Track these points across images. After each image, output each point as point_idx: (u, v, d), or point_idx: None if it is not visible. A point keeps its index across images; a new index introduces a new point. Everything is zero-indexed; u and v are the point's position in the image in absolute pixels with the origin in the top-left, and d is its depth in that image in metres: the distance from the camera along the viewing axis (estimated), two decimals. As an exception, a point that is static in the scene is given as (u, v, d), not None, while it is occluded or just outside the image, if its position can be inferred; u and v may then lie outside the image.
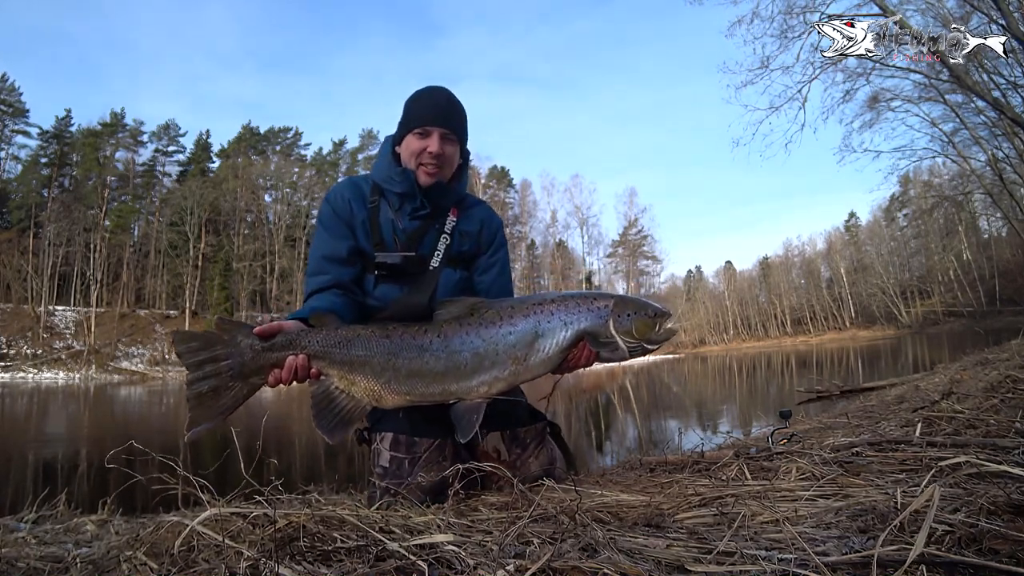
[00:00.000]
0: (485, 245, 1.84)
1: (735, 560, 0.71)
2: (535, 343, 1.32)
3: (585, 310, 1.36)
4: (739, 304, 71.45)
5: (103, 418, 13.17)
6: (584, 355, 1.38)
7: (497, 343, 1.32)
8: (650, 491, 1.46)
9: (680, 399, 11.52)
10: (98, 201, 50.44)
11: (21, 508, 1.82)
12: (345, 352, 1.32)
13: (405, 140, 1.71)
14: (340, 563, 0.77)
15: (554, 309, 1.35)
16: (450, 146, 1.71)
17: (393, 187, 1.72)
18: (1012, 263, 48.33)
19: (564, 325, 1.34)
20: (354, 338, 1.33)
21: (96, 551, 0.99)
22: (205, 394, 1.28)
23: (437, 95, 1.73)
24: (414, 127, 1.69)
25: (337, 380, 1.32)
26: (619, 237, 64.81)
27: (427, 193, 1.71)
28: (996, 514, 0.81)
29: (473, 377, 1.32)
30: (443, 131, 1.68)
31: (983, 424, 1.61)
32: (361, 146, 59.70)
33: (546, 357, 1.34)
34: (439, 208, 1.75)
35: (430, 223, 1.74)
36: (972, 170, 19.59)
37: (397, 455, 1.63)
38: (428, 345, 1.32)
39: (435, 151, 1.66)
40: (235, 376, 1.29)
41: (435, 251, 1.72)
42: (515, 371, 1.33)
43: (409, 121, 1.71)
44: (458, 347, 1.31)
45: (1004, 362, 3.36)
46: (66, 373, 39.97)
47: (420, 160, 1.68)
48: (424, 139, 1.67)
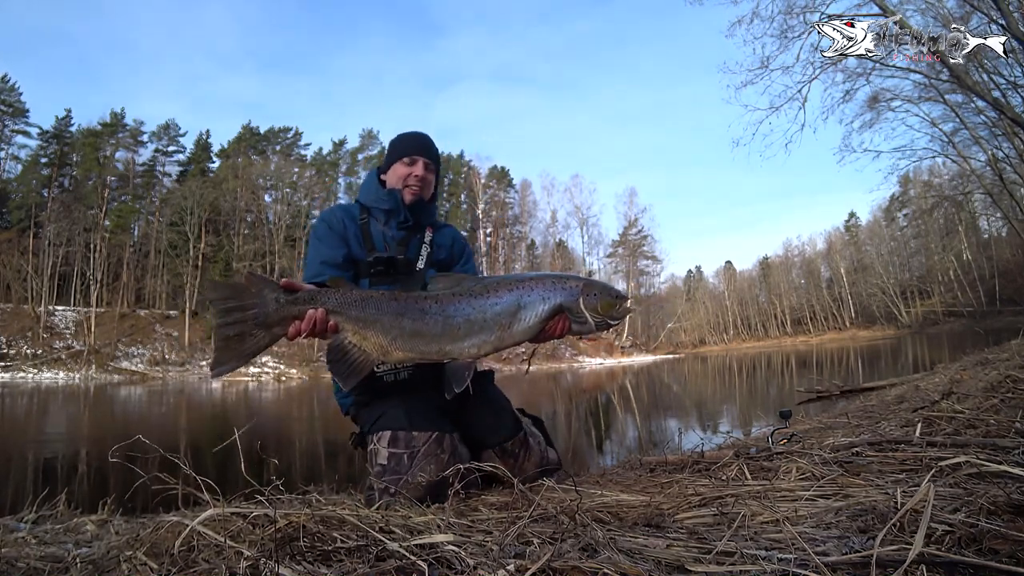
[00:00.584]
0: (457, 256, 2.14)
1: (735, 560, 0.71)
2: (518, 313, 1.53)
3: (560, 288, 1.56)
4: (739, 304, 71.44)
5: (103, 418, 13.17)
6: (560, 326, 1.57)
7: (485, 312, 1.51)
8: (650, 491, 1.46)
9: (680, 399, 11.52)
10: (98, 201, 50.42)
11: (21, 508, 1.82)
12: (360, 310, 1.48)
13: (393, 167, 2.05)
14: (340, 563, 0.77)
15: (534, 286, 1.56)
16: (430, 174, 2.07)
17: (381, 204, 2.02)
18: (1012, 263, 48.33)
19: (543, 299, 1.54)
20: (367, 298, 1.50)
21: (96, 551, 0.99)
22: (231, 338, 1.42)
23: (421, 135, 2.13)
24: (403, 156, 2.04)
25: (351, 335, 1.48)
26: (619, 237, 64.73)
27: (411, 208, 2.02)
28: (996, 514, 0.81)
29: (465, 340, 1.51)
30: (426, 160, 2.05)
31: (983, 424, 1.61)
32: (361, 146, 59.68)
33: (527, 326, 1.53)
34: (419, 223, 2.06)
35: (413, 233, 2.03)
36: (972, 170, 19.60)
37: (396, 451, 1.73)
38: (428, 309, 1.50)
39: (420, 175, 2.03)
40: (259, 324, 1.43)
41: (419, 255, 1.99)
42: (500, 336, 1.52)
43: (399, 151, 2.06)
44: (452, 313, 1.50)
45: (1004, 362, 3.35)
46: (66, 373, 39.97)
47: (406, 182, 2.01)
48: (411, 166, 2.03)
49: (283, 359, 41.72)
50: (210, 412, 14.07)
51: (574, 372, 31.18)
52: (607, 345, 50.90)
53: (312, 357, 40.28)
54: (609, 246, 64.15)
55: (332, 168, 59.50)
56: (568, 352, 46.63)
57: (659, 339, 60.72)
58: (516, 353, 41.82)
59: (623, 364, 38.96)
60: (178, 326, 46.97)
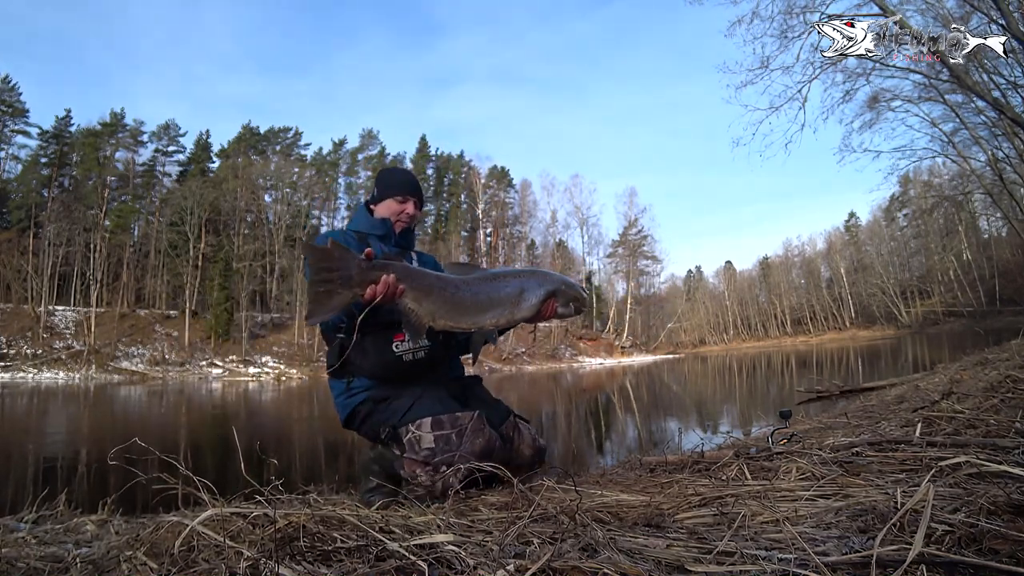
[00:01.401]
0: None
1: (735, 560, 0.71)
2: (523, 294, 1.89)
3: (550, 279, 1.96)
4: (739, 304, 71.45)
5: (103, 418, 13.17)
6: (550, 309, 1.92)
7: (500, 292, 1.87)
8: (650, 491, 1.46)
9: (680, 399, 11.53)
10: (98, 201, 50.43)
11: (21, 508, 1.82)
12: (419, 281, 1.77)
13: (385, 202, 2.30)
14: (340, 563, 0.77)
15: (530, 276, 1.95)
16: (418, 212, 2.36)
17: (375, 231, 2.25)
18: (1012, 263, 48.34)
19: (539, 285, 1.92)
20: (424, 273, 1.80)
21: (96, 551, 0.99)
22: (321, 294, 1.67)
23: (410, 175, 2.44)
24: (395, 194, 2.30)
25: (411, 301, 1.75)
26: (619, 237, 64.71)
27: (401, 235, 2.31)
28: (996, 514, 0.81)
29: (488, 313, 1.85)
30: (416, 200, 2.33)
31: (983, 424, 1.61)
32: (361, 146, 59.69)
33: (529, 305, 1.89)
34: (406, 248, 2.33)
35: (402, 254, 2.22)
36: (972, 170, 19.60)
37: (442, 433, 1.88)
38: (462, 286, 1.83)
39: (412, 213, 2.32)
40: (344, 284, 1.68)
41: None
42: (512, 312, 1.88)
43: (392, 190, 2.31)
44: (478, 291, 1.85)
45: (1004, 362, 3.35)
46: (66, 373, 39.97)
47: (399, 217, 2.29)
48: (403, 203, 2.30)
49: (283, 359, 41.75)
50: (210, 412, 14.07)
51: (574, 372, 31.18)
52: (607, 345, 50.93)
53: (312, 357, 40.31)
54: (609, 246, 64.15)
55: (332, 168, 59.52)
56: (568, 352, 46.65)
57: (659, 339, 60.72)
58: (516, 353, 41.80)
59: (623, 364, 38.97)
60: (178, 326, 46.97)
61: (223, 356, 44.61)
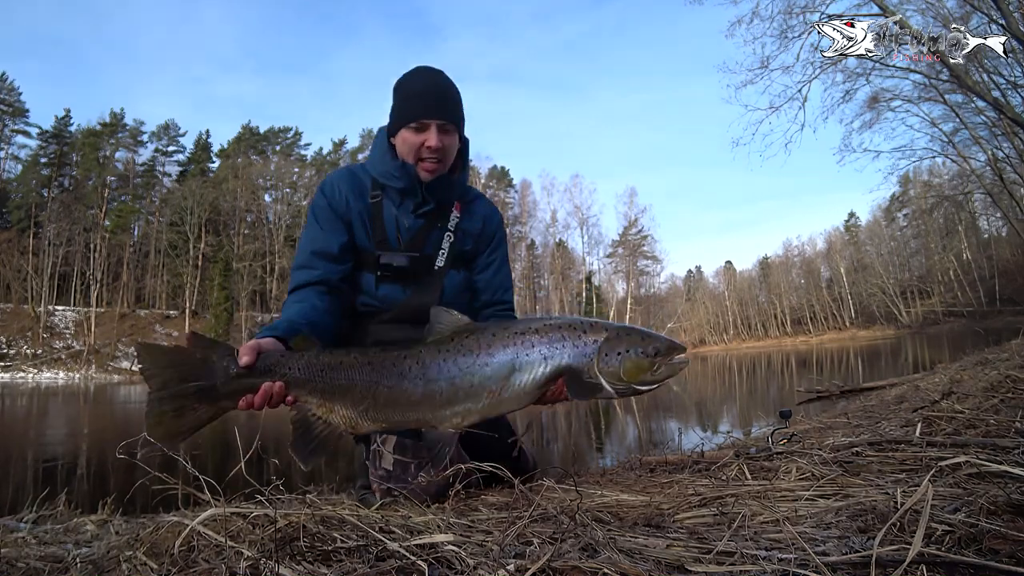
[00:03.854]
0: (485, 243, 1.79)
1: (735, 560, 0.71)
2: (511, 376, 1.26)
3: (570, 344, 1.26)
4: (739, 304, 71.44)
5: (103, 418, 13.17)
6: (557, 392, 1.31)
7: (473, 374, 1.26)
8: (650, 491, 1.46)
9: (680, 399, 11.53)
10: (98, 201, 50.46)
11: (21, 508, 1.82)
12: (327, 380, 1.26)
13: (400, 134, 1.61)
14: (340, 563, 0.77)
15: (536, 340, 1.26)
16: (448, 137, 1.61)
17: (393, 183, 1.63)
18: (1012, 263, 48.35)
19: (544, 359, 1.25)
20: (336, 365, 1.27)
21: (96, 551, 1.00)
22: (166, 413, 1.19)
23: (429, 82, 1.62)
24: (409, 121, 1.59)
25: (316, 407, 1.27)
26: (619, 237, 64.80)
27: (429, 188, 1.63)
28: (996, 514, 0.81)
29: (448, 407, 1.28)
30: (440, 123, 1.58)
31: (983, 424, 1.61)
32: (361, 146, 59.69)
33: (521, 392, 1.27)
34: (442, 204, 1.69)
35: (434, 221, 1.69)
36: (972, 170, 19.60)
37: (402, 459, 1.59)
38: (407, 372, 1.27)
39: (434, 146, 1.57)
40: (203, 398, 1.22)
41: (439, 250, 1.67)
42: (489, 404, 1.27)
43: (403, 115, 1.61)
44: (435, 375, 1.26)
45: (1004, 362, 3.35)
46: (66, 373, 39.98)
47: (419, 155, 1.60)
48: (421, 133, 1.58)
49: (283, 359, 41.67)
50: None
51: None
52: (607, 345, 50.79)
53: (312, 357, 40.24)
54: (609, 246, 64.22)
55: (332, 168, 59.48)
56: (568, 352, 46.55)
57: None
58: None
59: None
60: (178, 326, 47.01)
61: (223, 356, 44.49)
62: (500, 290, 1.80)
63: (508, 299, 1.81)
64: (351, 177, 1.70)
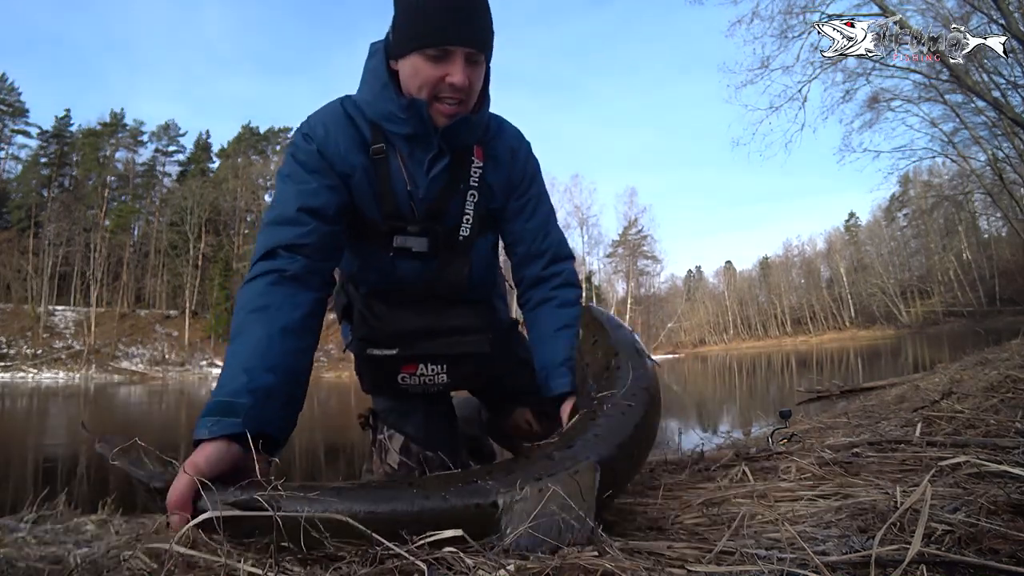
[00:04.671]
0: (515, 185, 1.38)
1: (735, 560, 0.71)
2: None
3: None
4: (739, 304, 71.49)
5: (103, 418, 13.17)
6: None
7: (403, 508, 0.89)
8: (650, 491, 1.46)
9: (680, 399, 11.52)
10: (98, 201, 50.50)
11: (21, 508, 1.82)
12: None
13: (409, 59, 1.15)
14: (339, 562, 0.77)
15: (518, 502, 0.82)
16: (476, 71, 1.17)
17: (397, 127, 1.20)
18: (1012, 263, 48.36)
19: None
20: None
21: (96, 551, 0.99)
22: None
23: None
24: (425, 44, 1.12)
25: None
26: (619, 237, 64.79)
27: (445, 135, 1.21)
28: (996, 514, 0.81)
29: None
30: (468, 51, 1.13)
31: (983, 424, 1.61)
32: (361, 146, 59.66)
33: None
34: (461, 152, 1.27)
35: (454, 180, 1.28)
36: (972, 170, 19.64)
37: (407, 462, 1.46)
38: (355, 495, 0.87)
39: (460, 83, 1.13)
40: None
41: (464, 215, 1.30)
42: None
43: (416, 34, 1.12)
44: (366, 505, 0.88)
45: (1004, 362, 3.35)
46: (66, 373, 39.99)
47: (435, 92, 1.16)
48: (442, 64, 1.12)
49: (283, 359, 41.70)
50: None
51: (574, 372, 31.10)
52: (607, 345, 50.85)
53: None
54: (609, 246, 64.21)
55: (332, 168, 59.54)
56: (568, 352, 46.59)
57: (659, 339, 60.74)
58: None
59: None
60: (178, 326, 47.03)
61: (223, 356, 44.55)
62: (540, 236, 1.42)
63: (548, 247, 1.43)
64: (347, 121, 1.23)
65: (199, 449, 0.93)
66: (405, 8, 1.15)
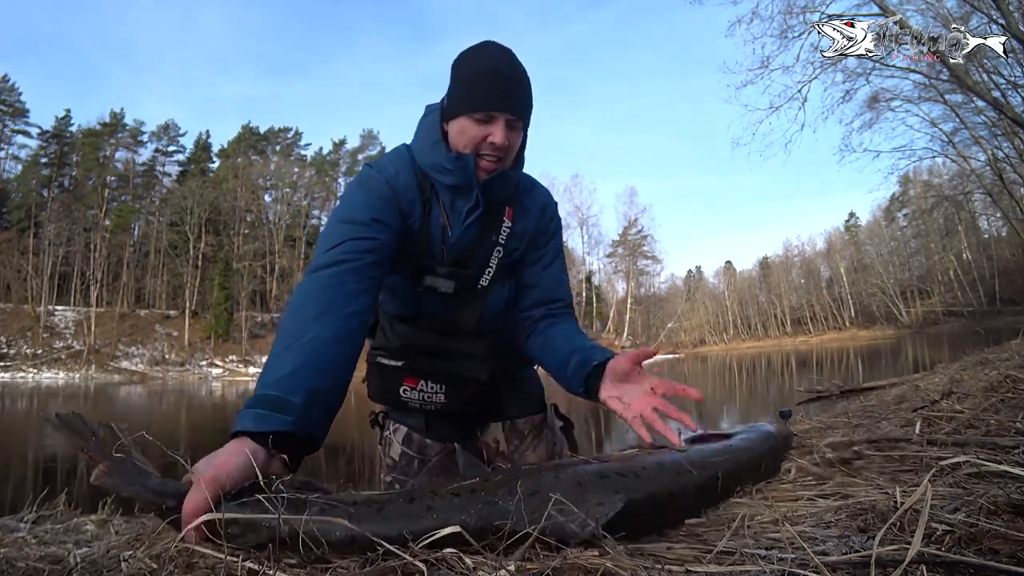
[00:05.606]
0: (538, 237, 1.55)
1: (735, 560, 0.71)
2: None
3: None
4: (739, 304, 71.47)
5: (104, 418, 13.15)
6: None
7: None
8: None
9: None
10: (98, 201, 50.53)
11: (21, 508, 1.82)
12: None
13: (459, 121, 1.33)
14: (339, 562, 0.77)
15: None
16: (515, 135, 1.35)
17: (444, 177, 1.36)
18: (1012, 263, 48.37)
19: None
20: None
21: (96, 551, 0.99)
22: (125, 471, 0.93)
23: (503, 67, 1.33)
24: (474, 109, 1.31)
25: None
26: (619, 237, 64.87)
27: (485, 187, 1.37)
28: (996, 514, 0.81)
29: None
30: (509, 117, 1.31)
31: (983, 424, 1.61)
32: (361, 146, 59.73)
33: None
34: (495, 206, 1.43)
35: (486, 232, 1.44)
36: (972, 170, 19.65)
37: (408, 452, 1.54)
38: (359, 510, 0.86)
39: (500, 142, 1.31)
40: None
41: (487, 267, 1.46)
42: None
43: (468, 100, 1.32)
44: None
45: (1004, 362, 3.35)
46: (66, 373, 40.00)
47: (478, 150, 1.33)
48: (485, 126, 1.31)
49: (283, 359, 41.73)
50: (211, 412, 14.08)
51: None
52: (607, 345, 50.92)
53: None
54: (609, 246, 64.30)
55: (332, 168, 59.55)
56: (568, 352, 46.63)
57: (659, 339, 60.76)
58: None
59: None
60: (178, 326, 47.03)
61: (223, 356, 44.62)
62: (553, 285, 1.57)
63: (561, 296, 1.59)
64: (411, 167, 1.39)
65: (221, 458, 0.89)
66: (462, 79, 1.35)
